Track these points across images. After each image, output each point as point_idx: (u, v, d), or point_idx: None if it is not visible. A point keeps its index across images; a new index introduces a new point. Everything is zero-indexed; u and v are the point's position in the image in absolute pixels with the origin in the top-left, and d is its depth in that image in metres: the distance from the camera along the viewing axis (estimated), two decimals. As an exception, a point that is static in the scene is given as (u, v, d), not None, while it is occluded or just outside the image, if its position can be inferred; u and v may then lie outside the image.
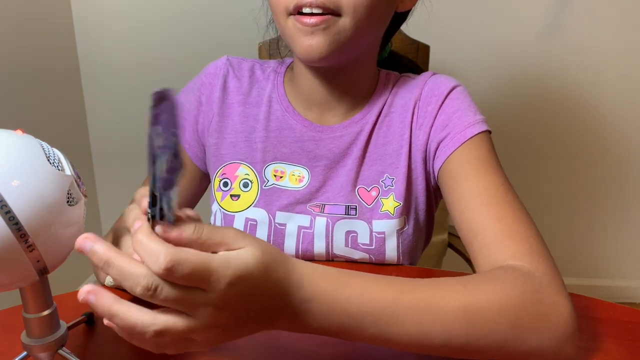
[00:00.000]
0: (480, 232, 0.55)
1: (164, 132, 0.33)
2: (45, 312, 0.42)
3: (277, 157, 0.69)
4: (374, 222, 0.67)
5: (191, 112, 0.72)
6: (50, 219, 0.37)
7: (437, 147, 0.65)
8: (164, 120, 0.33)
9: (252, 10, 0.78)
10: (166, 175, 0.34)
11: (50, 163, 0.38)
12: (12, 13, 1.30)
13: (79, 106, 1.61)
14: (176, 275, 0.33)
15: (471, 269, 0.98)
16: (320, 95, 0.68)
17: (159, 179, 0.34)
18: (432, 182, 0.68)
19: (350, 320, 0.41)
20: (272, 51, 1.00)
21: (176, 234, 0.36)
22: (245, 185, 0.69)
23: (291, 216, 0.68)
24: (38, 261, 0.38)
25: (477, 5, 1.45)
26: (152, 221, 0.36)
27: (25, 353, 0.43)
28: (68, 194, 0.39)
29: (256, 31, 0.80)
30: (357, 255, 0.67)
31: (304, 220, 0.67)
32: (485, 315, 0.44)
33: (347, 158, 0.68)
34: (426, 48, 1.01)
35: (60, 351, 0.43)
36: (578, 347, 0.47)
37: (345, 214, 0.67)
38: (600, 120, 1.54)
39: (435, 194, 0.70)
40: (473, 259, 0.56)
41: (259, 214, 0.68)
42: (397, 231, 0.66)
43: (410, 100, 0.68)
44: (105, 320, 0.37)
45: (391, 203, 0.67)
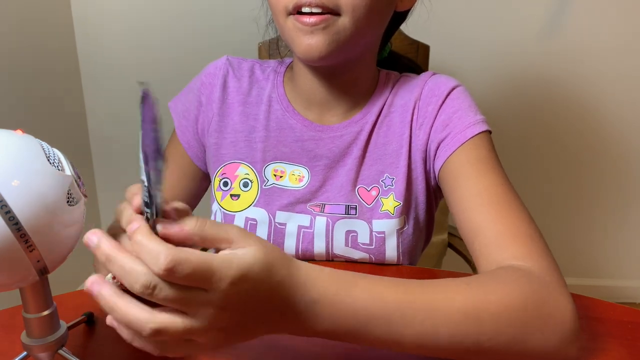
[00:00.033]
0: (481, 232, 0.55)
1: (149, 129, 0.33)
2: (45, 312, 0.42)
3: (277, 156, 0.69)
4: (374, 221, 0.67)
5: (191, 112, 0.72)
6: (50, 219, 0.37)
7: (438, 147, 0.65)
8: (147, 117, 0.33)
9: (252, 10, 0.78)
10: (155, 172, 0.34)
11: (50, 163, 0.38)
12: (12, 13, 1.30)
13: (79, 106, 1.61)
14: (177, 275, 0.33)
15: (471, 269, 0.99)
16: (320, 95, 0.68)
17: (152, 176, 0.34)
18: (432, 182, 0.68)
19: (358, 322, 0.40)
20: (271, 51, 1.00)
21: (177, 229, 0.35)
22: (245, 184, 0.69)
23: (291, 216, 0.68)
24: (38, 261, 0.37)
25: (477, 5, 1.45)
26: (151, 220, 0.36)
27: (25, 353, 0.43)
28: (68, 194, 0.38)
29: (256, 31, 0.80)
30: (357, 255, 0.67)
31: (304, 219, 0.67)
32: (492, 316, 0.43)
33: (347, 158, 0.68)
34: (426, 48, 1.01)
35: (60, 351, 0.43)
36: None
37: (345, 214, 0.67)
38: (600, 120, 1.54)
39: (435, 194, 0.70)
40: (474, 259, 0.56)
41: (259, 214, 0.68)
42: (397, 231, 0.66)
43: (410, 100, 0.68)
44: (108, 320, 0.36)
45: (391, 203, 0.67)
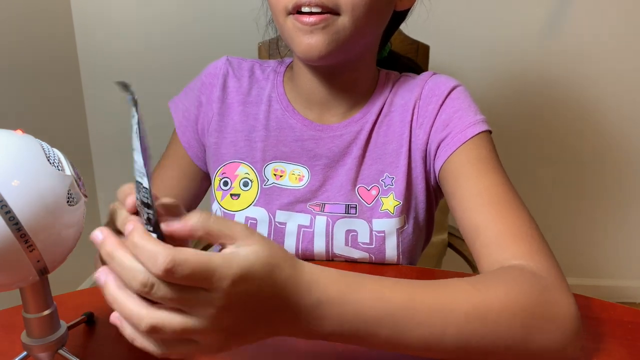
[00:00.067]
0: (482, 231, 0.55)
1: (143, 130, 0.33)
2: (45, 312, 0.42)
3: (277, 156, 0.69)
4: (374, 221, 0.67)
5: (191, 112, 0.72)
6: (50, 219, 0.37)
7: (438, 147, 0.65)
8: (140, 119, 0.33)
9: (252, 10, 0.78)
10: (148, 169, 0.34)
11: (50, 163, 0.38)
12: (12, 13, 1.30)
13: (79, 106, 1.61)
14: (176, 276, 0.33)
15: (471, 269, 0.99)
16: (320, 95, 0.68)
17: (149, 175, 0.34)
18: (432, 181, 0.68)
19: (364, 324, 0.40)
20: (271, 51, 1.00)
21: (180, 225, 0.35)
22: (245, 184, 0.69)
23: (291, 215, 0.68)
24: (38, 261, 0.37)
25: (477, 5, 1.45)
26: (153, 221, 0.35)
27: (25, 353, 0.43)
28: (68, 194, 0.39)
29: (256, 31, 0.80)
30: (357, 254, 0.67)
31: (304, 219, 0.67)
32: (496, 316, 0.43)
33: (347, 157, 0.68)
34: (426, 48, 1.01)
35: (60, 351, 0.43)
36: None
37: (345, 213, 0.67)
38: (600, 120, 1.54)
39: (435, 194, 0.70)
40: (475, 259, 0.56)
41: (259, 213, 0.68)
42: (397, 230, 0.66)
43: (410, 100, 0.68)
44: (112, 317, 0.36)
45: (391, 202, 0.67)
